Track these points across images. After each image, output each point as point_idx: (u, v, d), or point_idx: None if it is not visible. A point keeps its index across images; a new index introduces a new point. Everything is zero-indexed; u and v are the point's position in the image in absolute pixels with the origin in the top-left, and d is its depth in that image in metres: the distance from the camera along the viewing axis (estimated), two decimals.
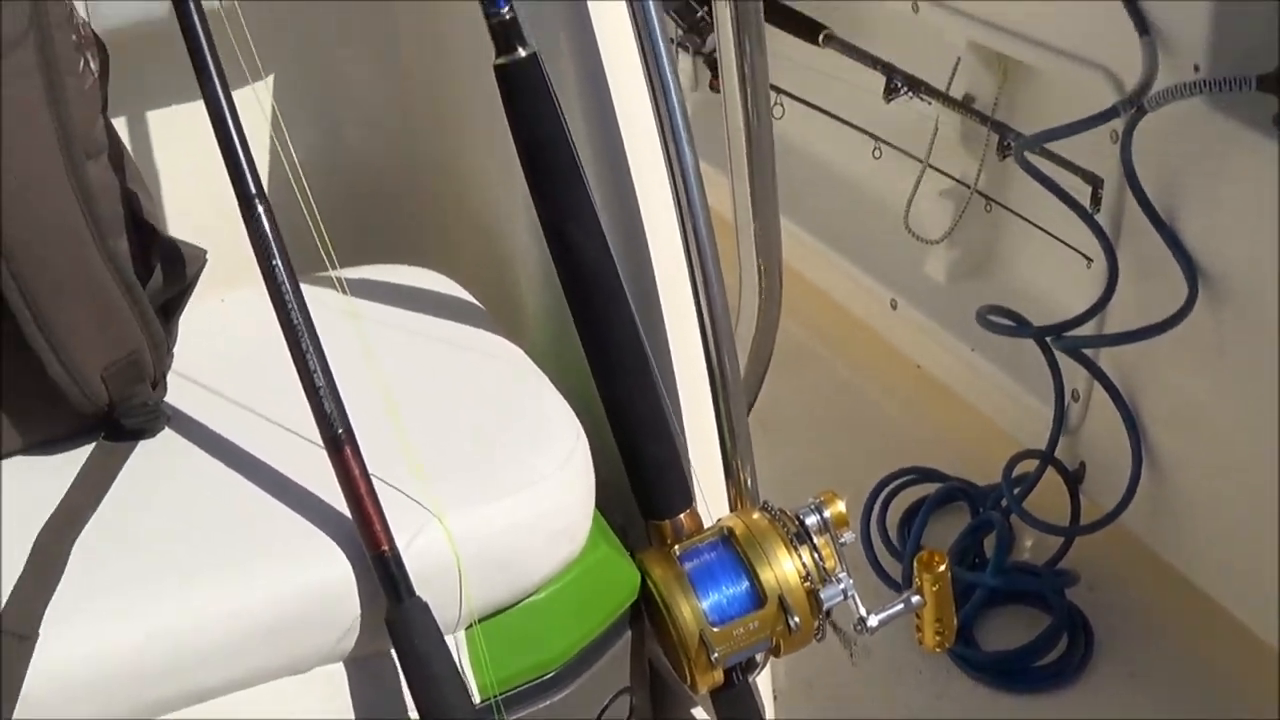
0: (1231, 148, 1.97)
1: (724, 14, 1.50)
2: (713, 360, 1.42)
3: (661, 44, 1.35)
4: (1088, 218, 2.19)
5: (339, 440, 1.16)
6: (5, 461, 1.31)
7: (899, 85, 2.70)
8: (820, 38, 2.84)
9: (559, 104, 1.29)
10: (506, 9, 1.27)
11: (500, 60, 1.29)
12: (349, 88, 1.94)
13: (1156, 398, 2.20)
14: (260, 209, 1.17)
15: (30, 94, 1.21)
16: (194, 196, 1.64)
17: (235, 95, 1.20)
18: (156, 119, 1.78)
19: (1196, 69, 1.98)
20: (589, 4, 1.39)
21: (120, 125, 1.72)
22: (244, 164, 1.17)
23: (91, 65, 1.32)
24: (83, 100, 1.28)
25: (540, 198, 1.31)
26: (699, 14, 3.08)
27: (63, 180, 1.23)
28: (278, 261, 1.16)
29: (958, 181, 2.77)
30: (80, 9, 1.34)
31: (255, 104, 1.29)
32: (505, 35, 1.28)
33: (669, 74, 1.35)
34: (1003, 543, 2.35)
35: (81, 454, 1.32)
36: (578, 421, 1.33)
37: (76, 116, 1.25)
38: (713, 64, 3.17)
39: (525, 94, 1.28)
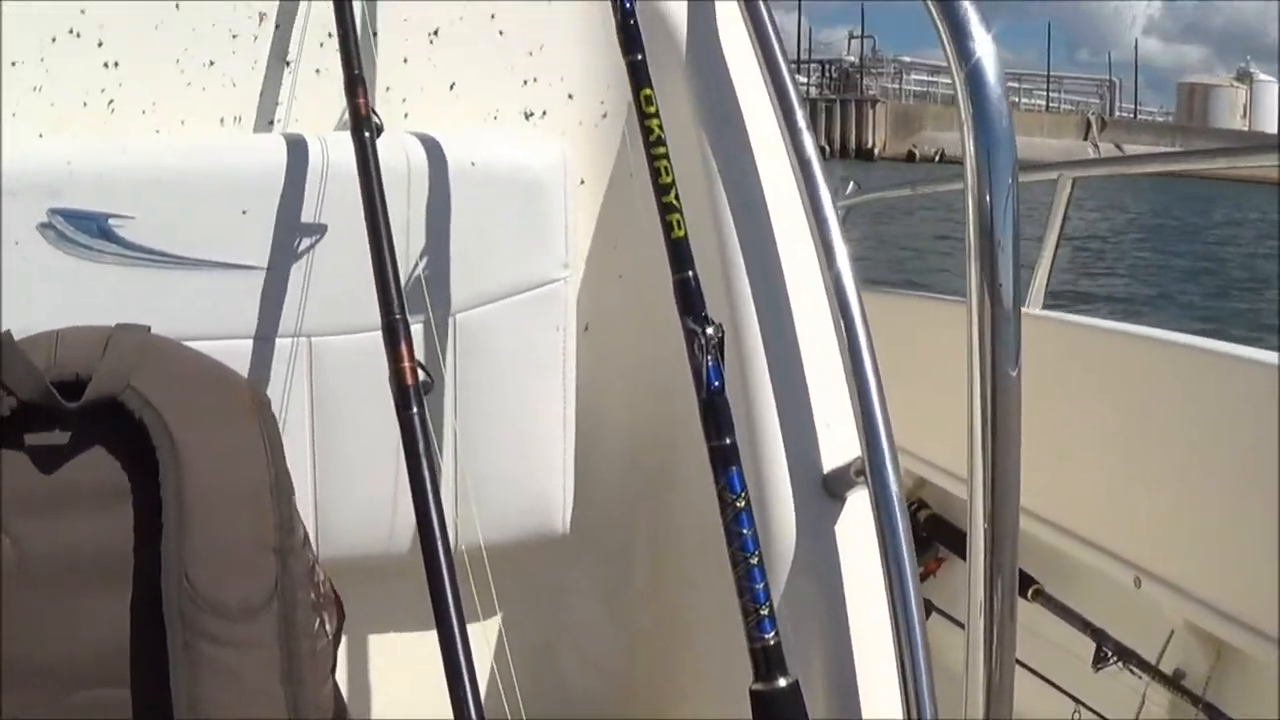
0: None
1: (977, 576, 1.22)
2: None
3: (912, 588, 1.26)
4: None
5: None
6: None
7: (1109, 654, 2.65)
8: (1030, 592, 2.82)
9: None
10: (771, 634, 1.23)
11: (758, 686, 1.23)
12: (577, 630, 1.91)
13: None
14: None
15: (266, 664, 1.22)
16: None
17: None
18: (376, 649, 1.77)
19: None
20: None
21: None
22: None
23: (327, 626, 1.33)
24: (315, 663, 1.28)
25: None
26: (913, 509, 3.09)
27: None
28: None
29: None
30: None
31: (484, 641, 1.28)
32: (767, 661, 1.23)
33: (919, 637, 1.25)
34: None
35: None
36: None
37: (308, 682, 1.26)
38: None
39: None
